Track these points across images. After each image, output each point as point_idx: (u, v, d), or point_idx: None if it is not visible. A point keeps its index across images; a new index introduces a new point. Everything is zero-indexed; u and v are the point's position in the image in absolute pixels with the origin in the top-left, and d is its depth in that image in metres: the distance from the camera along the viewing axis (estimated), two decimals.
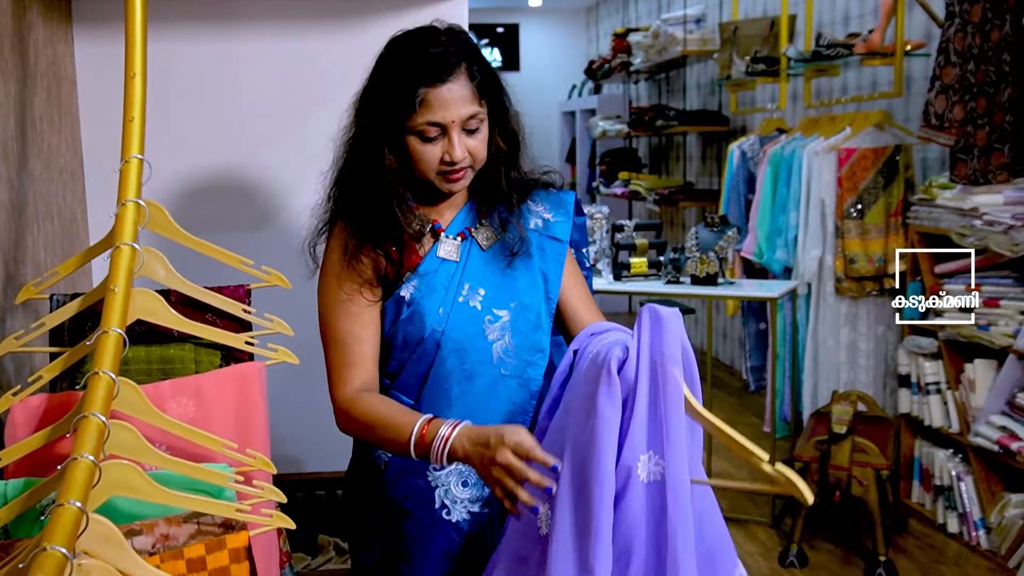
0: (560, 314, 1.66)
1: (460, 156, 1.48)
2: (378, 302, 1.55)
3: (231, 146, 2.42)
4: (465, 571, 1.57)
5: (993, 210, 3.26)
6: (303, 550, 2.47)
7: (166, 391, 1.46)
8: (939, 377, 3.77)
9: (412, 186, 1.56)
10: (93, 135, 2.33)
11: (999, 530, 3.42)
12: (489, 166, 1.56)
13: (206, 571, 1.30)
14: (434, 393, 1.54)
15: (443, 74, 1.46)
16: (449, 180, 1.51)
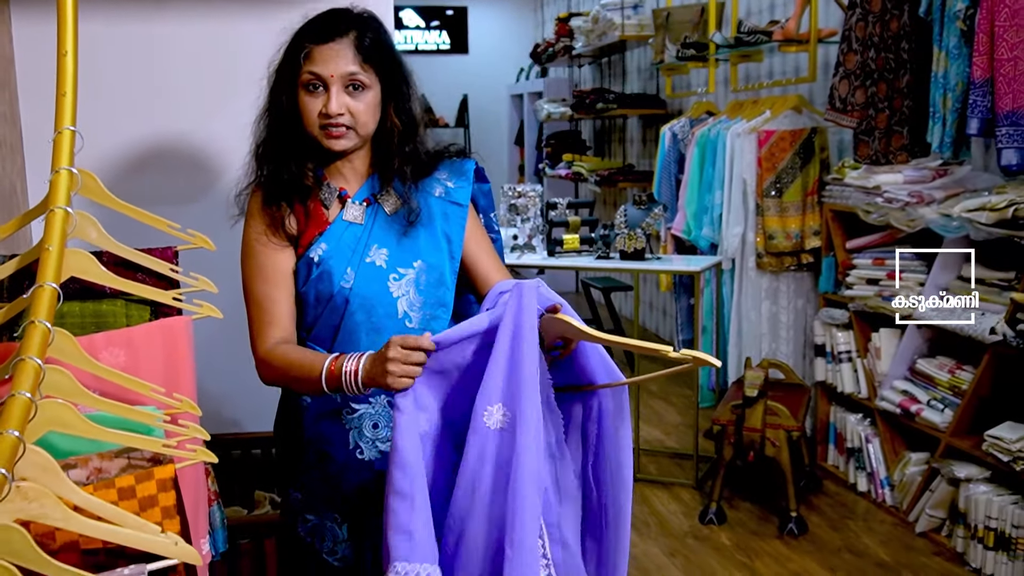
0: (469, 273, 1.83)
1: (335, 109, 1.64)
2: (291, 264, 1.71)
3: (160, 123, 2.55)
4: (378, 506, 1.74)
5: (893, 188, 3.48)
6: (240, 504, 2.62)
7: (99, 342, 1.60)
8: (850, 346, 4.01)
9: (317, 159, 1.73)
10: (30, 111, 2.45)
11: (901, 487, 3.67)
12: (385, 141, 1.73)
13: (135, 499, 1.45)
14: (345, 344, 1.70)
15: (329, 34, 1.65)
16: (329, 136, 1.67)
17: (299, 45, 1.66)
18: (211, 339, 2.13)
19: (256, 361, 1.70)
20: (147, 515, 1.45)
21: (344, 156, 1.74)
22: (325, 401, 1.74)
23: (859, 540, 3.52)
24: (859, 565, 3.30)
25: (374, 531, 1.75)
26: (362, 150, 1.75)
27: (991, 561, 3.12)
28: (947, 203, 3.24)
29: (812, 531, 3.58)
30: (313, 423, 1.77)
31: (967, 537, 3.25)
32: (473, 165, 1.84)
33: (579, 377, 1.58)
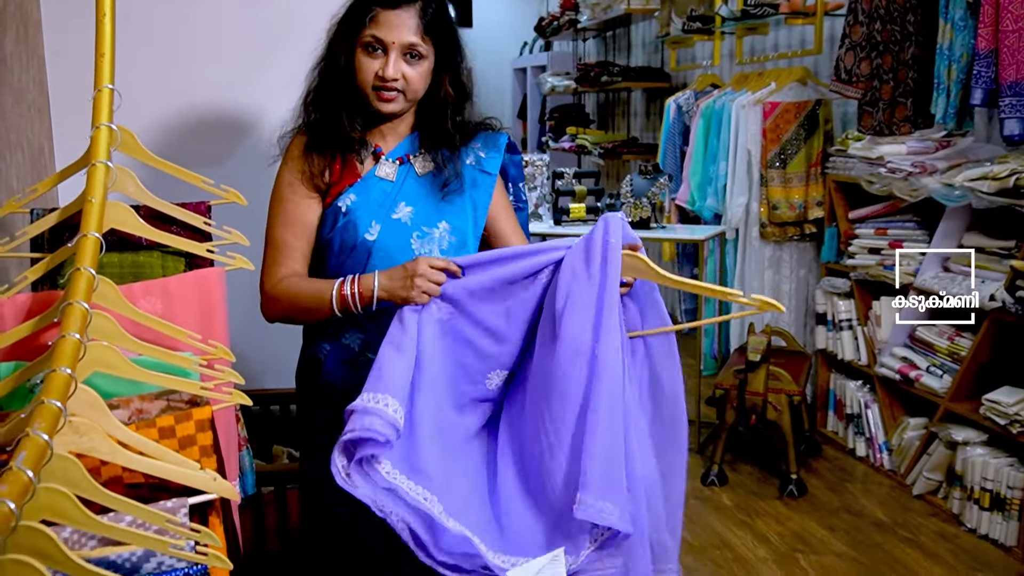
0: (489, 241, 1.91)
1: (392, 74, 1.71)
2: (316, 214, 1.78)
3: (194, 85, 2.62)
4: None
5: (896, 159, 3.54)
6: (259, 458, 2.70)
7: (137, 291, 1.68)
8: (851, 314, 4.08)
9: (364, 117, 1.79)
10: (58, 75, 2.51)
11: (899, 451, 3.76)
12: (437, 109, 1.81)
13: (175, 438, 1.53)
14: None
15: (397, 1, 1.71)
16: (381, 98, 1.74)
17: (366, 5, 1.72)
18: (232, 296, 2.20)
19: (262, 297, 1.78)
20: (186, 453, 1.53)
21: (391, 119, 1.80)
22: (342, 350, 1.81)
23: (857, 501, 3.61)
24: (857, 524, 3.39)
25: None
26: (407, 113, 1.82)
27: (986, 521, 3.21)
28: (949, 173, 3.30)
29: (811, 493, 3.67)
30: (332, 372, 1.84)
31: (963, 498, 3.34)
32: (506, 138, 1.93)
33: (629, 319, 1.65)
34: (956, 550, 3.18)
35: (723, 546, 3.22)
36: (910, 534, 3.30)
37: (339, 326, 1.81)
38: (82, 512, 1.21)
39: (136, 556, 1.34)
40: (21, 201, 1.75)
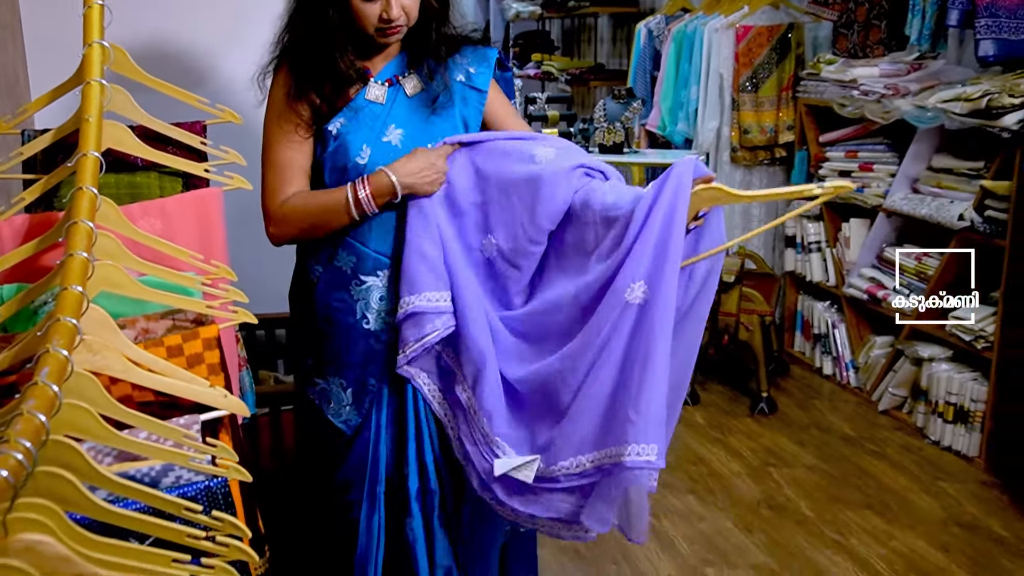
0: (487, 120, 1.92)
1: (396, 15, 1.69)
2: (311, 135, 1.77)
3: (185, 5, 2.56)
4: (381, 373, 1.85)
5: (869, 81, 3.58)
6: None
7: (136, 212, 1.67)
8: (820, 236, 4.16)
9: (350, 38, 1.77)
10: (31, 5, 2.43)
11: (865, 368, 3.88)
12: (421, 21, 1.78)
13: (183, 356, 1.54)
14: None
15: None
16: (386, 35, 1.73)
17: None
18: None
19: (269, 218, 1.77)
20: (194, 372, 1.54)
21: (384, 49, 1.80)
22: (335, 273, 1.82)
23: (825, 418, 3.72)
24: (825, 440, 3.51)
25: (376, 396, 1.86)
26: None
27: (950, 433, 3.34)
28: (922, 95, 3.34)
29: (781, 410, 3.78)
30: (323, 294, 1.85)
31: (927, 413, 3.46)
32: (496, 53, 1.90)
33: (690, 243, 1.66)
34: (920, 461, 3.30)
35: (698, 461, 3.32)
36: (876, 447, 3.43)
37: (333, 249, 1.82)
38: (104, 427, 1.22)
39: (155, 471, 1.36)
40: (12, 122, 1.72)
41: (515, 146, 1.77)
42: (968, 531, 2.82)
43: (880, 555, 2.69)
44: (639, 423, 1.50)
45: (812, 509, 2.97)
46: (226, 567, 1.15)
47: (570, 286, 1.70)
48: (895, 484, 3.13)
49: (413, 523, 1.86)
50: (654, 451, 1.49)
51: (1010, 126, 2.95)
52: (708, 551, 2.73)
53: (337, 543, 1.94)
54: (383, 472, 1.88)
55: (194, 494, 1.33)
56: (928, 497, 3.04)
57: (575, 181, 1.69)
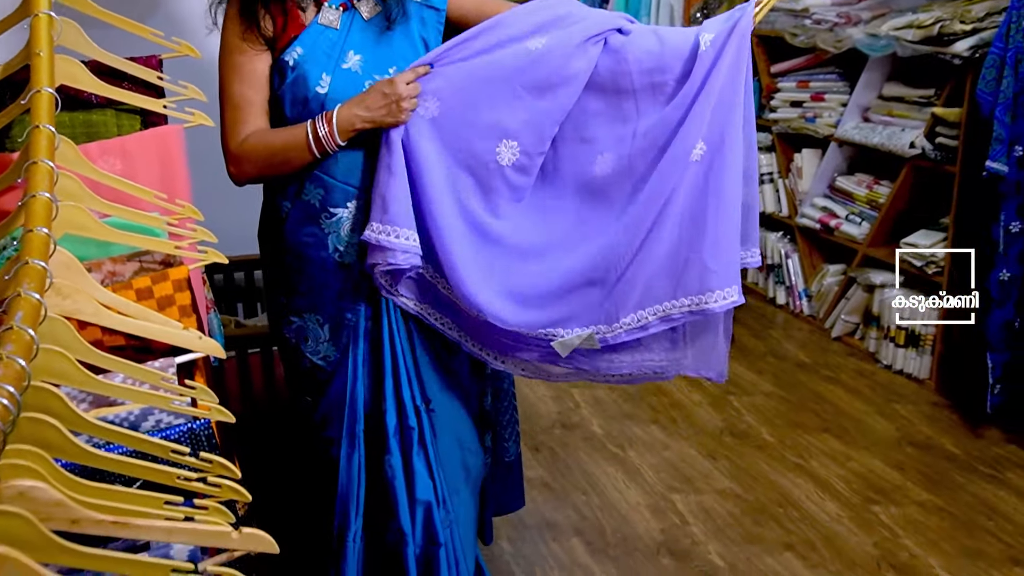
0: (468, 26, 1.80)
1: None
2: (268, 67, 1.71)
3: None
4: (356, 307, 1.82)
5: (820, 10, 3.58)
6: None
7: (94, 151, 1.60)
8: (772, 168, 4.19)
9: None
10: None
11: (818, 296, 3.95)
12: None
13: (153, 299, 1.50)
14: None
15: None
16: None
17: None
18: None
19: (229, 157, 1.72)
20: (165, 314, 1.50)
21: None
22: (304, 207, 1.77)
23: (780, 346, 3.80)
24: (782, 367, 3.57)
25: (353, 331, 1.84)
26: None
27: (901, 357, 3.43)
28: (874, 23, 3.36)
29: (738, 339, 3.83)
30: (293, 229, 1.81)
31: (879, 338, 3.54)
32: None
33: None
34: (874, 385, 3.39)
35: (659, 392, 3.36)
36: (831, 372, 3.51)
37: (300, 183, 1.77)
38: (82, 372, 1.18)
39: (133, 416, 1.34)
40: None
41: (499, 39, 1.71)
42: (921, 450, 2.92)
43: (839, 475, 2.77)
44: (720, 271, 1.61)
45: (772, 434, 3.03)
46: (220, 507, 1.14)
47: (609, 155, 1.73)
48: (850, 408, 3.21)
49: (392, 460, 1.86)
50: (735, 291, 1.62)
51: (961, 52, 2.98)
52: (674, 478, 2.78)
53: (318, 481, 1.93)
54: (361, 410, 1.87)
55: (177, 437, 1.30)
56: (882, 419, 3.12)
57: (592, 52, 1.69)
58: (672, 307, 1.67)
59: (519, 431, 2.17)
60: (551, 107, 1.70)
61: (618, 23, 1.71)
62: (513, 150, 1.71)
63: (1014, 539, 2.43)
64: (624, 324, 1.70)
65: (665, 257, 1.65)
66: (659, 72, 1.66)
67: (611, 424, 3.13)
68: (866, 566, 2.34)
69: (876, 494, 2.66)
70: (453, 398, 1.93)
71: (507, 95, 1.69)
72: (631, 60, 1.68)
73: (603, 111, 1.72)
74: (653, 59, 1.67)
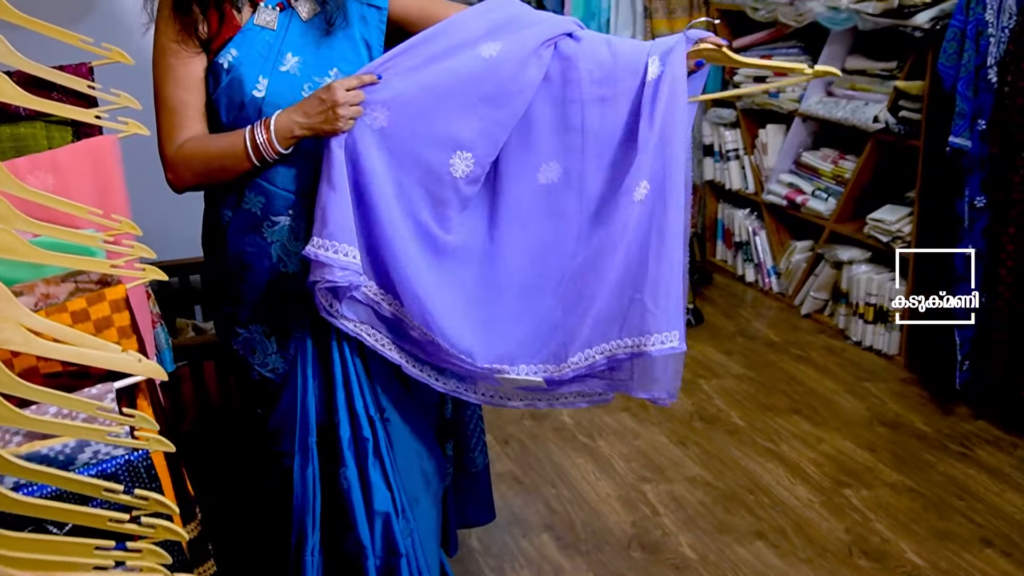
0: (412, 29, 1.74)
1: None
2: (203, 69, 1.64)
3: None
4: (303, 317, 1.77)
5: None
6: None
7: (23, 167, 1.53)
8: (737, 144, 4.15)
9: None
10: None
11: (787, 274, 3.93)
12: None
13: (90, 321, 1.44)
14: None
15: None
16: None
17: None
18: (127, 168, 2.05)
19: (166, 164, 1.65)
20: (103, 336, 1.44)
21: None
22: (245, 216, 1.71)
23: (750, 325, 3.78)
24: (752, 347, 3.56)
25: (301, 342, 1.79)
26: None
27: (870, 333, 3.42)
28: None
29: (707, 320, 3.81)
30: (235, 238, 1.75)
31: (848, 315, 3.53)
32: None
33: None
34: (844, 363, 3.38)
35: None
36: (801, 351, 3.49)
37: (240, 191, 1.71)
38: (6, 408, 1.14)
39: (69, 448, 1.28)
40: None
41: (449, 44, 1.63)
42: (892, 429, 2.91)
43: (810, 459, 2.75)
44: (660, 314, 1.58)
45: (743, 418, 3.02)
46: (154, 549, 1.09)
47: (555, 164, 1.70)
48: (821, 387, 3.20)
49: (347, 472, 1.82)
50: (676, 336, 1.57)
51: (922, 25, 2.94)
52: (644, 467, 2.75)
53: (273, 494, 1.88)
54: (313, 421, 1.82)
55: (114, 470, 1.24)
56: (853, 398, 3.11)
57: (544, 56, 1.63)
58: (617, 347, 1.63)
59: (485, 441, 2.13)
60: (505, 115, 1.64)
61: (570, 27, 1.65)
62: (467, 161, 1.64)
63: (984, 519, 2.43)
64: (572, 363, 1.67)
65: (611, 296, 1.62)
66: (608, 85, 1.62)
67: (581, 414, 3.10)
68: (838, 553, 2.33)
69: (847, 477, 2.65)
70: (408, 408, 1.89)
71: (461, 105, 1.61)
72: (581, 69, 1.63)
73: (549, 118, 1.66)
74: (604, 71, 1.62)
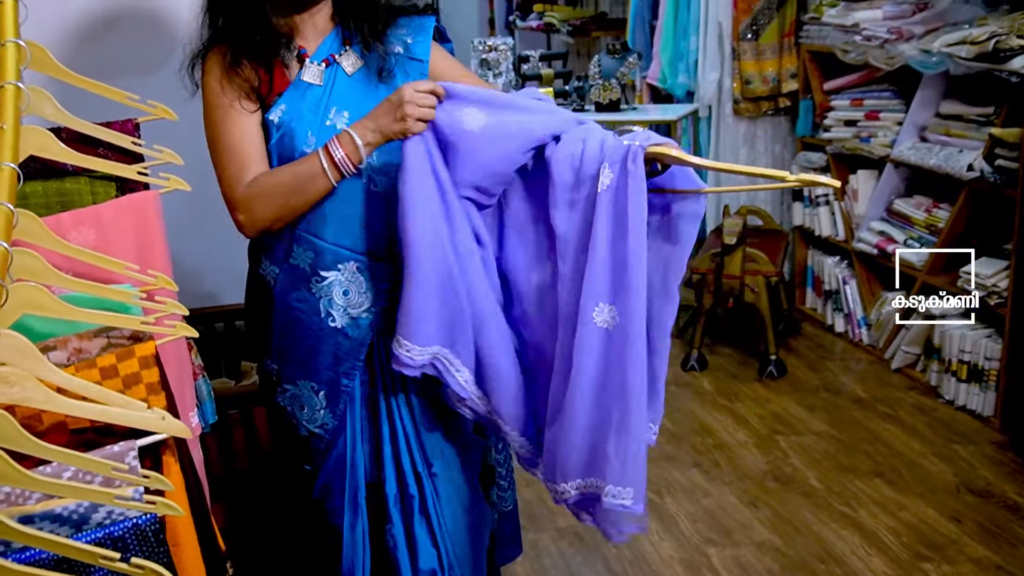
0: None
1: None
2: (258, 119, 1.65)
3: None
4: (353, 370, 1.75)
5: (872, 25, 3.40)
6: (227, 376, 2.64)
7: (67, 222, 1.56)
8: (827, 189, 4.00)
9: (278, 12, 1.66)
10: None
11: (877, 325, 3.74)
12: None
13: (119, 377, 1.45)
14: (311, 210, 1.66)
15: None
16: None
17: None
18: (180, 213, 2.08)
19: (236, 206, 1.63)
20: (132, 392, 1.45)
21: (306, 8, 1.67)
22: (293, 271, 1.70)
23: (836, 379, 3.61)
24: (836, 403, 3.39)
25: (350, 397, 1.77)
26: (324, 4, 1.68)
27: (964, 392, 3.22)
28: (927, 38, 3.17)
29: (791, 372, 3.66)
30: (283, 295, 1.74)
31: (941, 371, 3.33)
32: (433, 21, 1.77)
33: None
34: (933, 423, 3.19)
35: (703, 432, 3.22)
36: (889, 409, 3.31)
37: (286, 245, 1.71)
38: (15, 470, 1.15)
39: (83, 507, 1.28)
40: None
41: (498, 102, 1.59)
42: (981, 498, 2.72)
43: (889, 527, 2.59)
44: (616, 465, 1.47)
45: (820, 480, 2.87)
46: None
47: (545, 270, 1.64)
48: (907, 449, 3.02)
49: (393, 529, 1.79)
50: (629, 495, 1.47)
51: (1019, 70, 2.78)
52: (711, 529, 2.64)
53: (320, 553, 1.86)
54: (362, 478, 1.80)
55: (122, 533, 1.24)
56: (940, 462, 2.93)
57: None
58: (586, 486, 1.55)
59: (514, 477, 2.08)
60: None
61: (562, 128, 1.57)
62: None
63: None
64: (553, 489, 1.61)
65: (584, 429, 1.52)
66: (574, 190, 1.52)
67: (650, 467, 2.92)
68: None
69: (928, 549, 2.48)
70: (456, 459, 1.85)
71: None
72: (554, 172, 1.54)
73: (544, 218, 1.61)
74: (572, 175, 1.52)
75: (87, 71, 1.60)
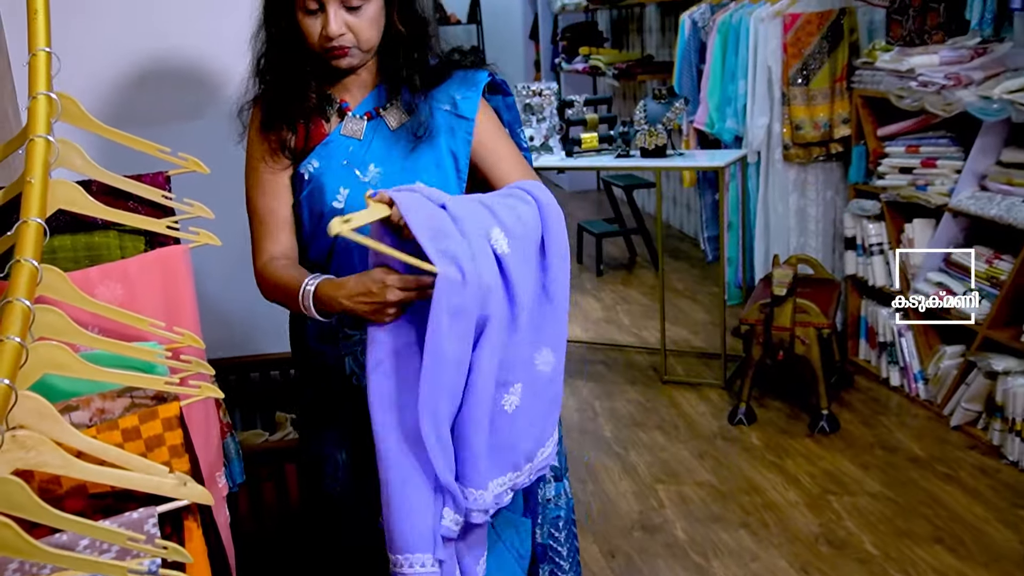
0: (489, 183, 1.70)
1: (336, 31, 1.52)
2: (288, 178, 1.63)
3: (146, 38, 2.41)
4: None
5: (928, 71, 3.29)
6: (262, 426, 2.59)
7: (94, 276, 1.53)
8: (882, 238, 3.88)
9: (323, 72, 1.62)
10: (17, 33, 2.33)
11: (935, 380, 3.60)
12: (391, 48, 1.61)
13: (141, 439, 1.40)
14: (341, 266, 1.62)
15: None
16: (334, 55, 1.57)
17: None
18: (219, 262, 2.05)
19: (255, 275, 1.66)
20: (154, 455, 1.40)
21: (349, 75, 1.64)
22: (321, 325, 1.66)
23: (892, 435, 3.46)
24: (892, 461, 3.25)
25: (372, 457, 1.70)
26: (371, 62, 1.64)
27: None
28: (986, 84, 3.06)
29: (844, 428, 3.52)
30: (316, 346, 1.72)
31: (1004, 430, 3.18)
32: (485, 76, 1.70)
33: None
34: (996, 485, 3.03)
35: (752, 490, 3.09)
36: (948, 469, 3.16)
37: None
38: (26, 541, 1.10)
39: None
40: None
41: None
42: None
43: None
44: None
45: (875, 544, 2.73)
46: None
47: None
48: (968, 513, 2.87)
49: None
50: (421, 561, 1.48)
51: None
52: None
53: None
54: None
55: None
56: (1005, 528, 2.77)
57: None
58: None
59: (579, 560, 1.98)
60: None
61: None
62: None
63: None
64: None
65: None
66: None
67: (696, 528, 2.88)
68: None
69: None
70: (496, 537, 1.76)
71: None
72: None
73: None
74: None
75: (118, 123, 1.58)
